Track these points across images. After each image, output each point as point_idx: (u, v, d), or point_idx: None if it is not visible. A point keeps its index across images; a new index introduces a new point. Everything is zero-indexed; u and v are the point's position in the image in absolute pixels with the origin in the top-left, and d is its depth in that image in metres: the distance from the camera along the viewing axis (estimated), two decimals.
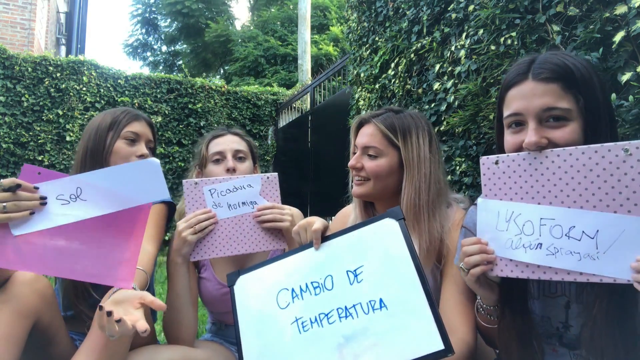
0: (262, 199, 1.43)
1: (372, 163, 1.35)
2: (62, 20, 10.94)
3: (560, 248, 0.86)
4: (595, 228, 0.82)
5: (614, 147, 0.81)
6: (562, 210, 0.86)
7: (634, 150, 0.79)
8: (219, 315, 1.63)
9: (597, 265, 0.82)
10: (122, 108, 1.58)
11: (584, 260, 0.83)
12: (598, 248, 0.82)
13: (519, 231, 0.92)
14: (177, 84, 7.35)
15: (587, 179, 0.83)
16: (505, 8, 2.06)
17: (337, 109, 5.23)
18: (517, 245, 0.92)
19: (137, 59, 20.17)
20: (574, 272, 0.85)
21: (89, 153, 1.48)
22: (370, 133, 1.37)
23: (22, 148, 6.18)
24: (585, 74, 0.93)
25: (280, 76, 14.09)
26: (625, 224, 0.79)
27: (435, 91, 2.67)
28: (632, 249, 0.78)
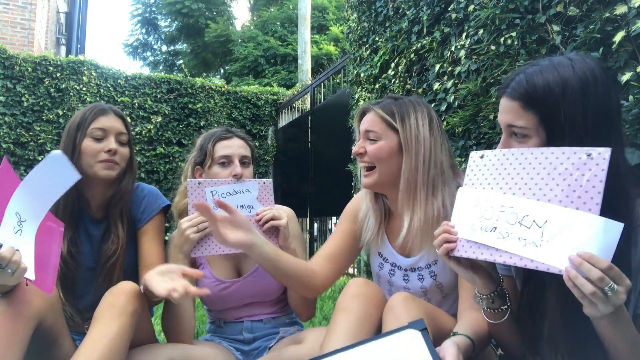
0: (259, 204, 1.51)
1: (372, 146, 1.38)
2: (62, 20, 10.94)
3: (511, 233, 0.93)
4: (545, 218, 0.89)
5: (579, 150, 0.88)
6: (521, 200, 0.94)
7: (595, 155, 0.86)
8: (217, 312, 1.64)
9: (537, 252, 0.88)
10: (92, 105, 1.55)
11: (528, 246, 0.89)
12: (543, 237, 0.88)
13: (481, 215, 0.99)
14: (177, 84, 7.35)
15: (550, 176, 0.91)
16: (505, 8, 2.07)
17: (337, 109, 5.23)
18: (476, 228, 0.99)
19: (137, 58, 20.19)
20: (515, 256, 0.91)
21: None
22: (370, 119, 1.41)
23: (22, 148, 6.18)
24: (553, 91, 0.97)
25: (280, 76, 14.09)
26: (571, 218, 0.86)
27: (435, 91, 2.67)
28: (572, 243, 0.84)
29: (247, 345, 1.59)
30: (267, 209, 1.49)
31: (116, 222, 1.52)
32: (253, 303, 1.60)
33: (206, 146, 1.63)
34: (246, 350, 1.58)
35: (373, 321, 1.18)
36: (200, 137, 1.73)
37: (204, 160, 1.63)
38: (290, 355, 1.31)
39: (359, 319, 1.16)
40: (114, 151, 1.50)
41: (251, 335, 1.59)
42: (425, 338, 0.99)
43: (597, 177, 0.85)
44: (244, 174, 1.58)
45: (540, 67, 1.02)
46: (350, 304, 1.19)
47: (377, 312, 1.20)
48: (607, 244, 0.81)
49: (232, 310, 1.61)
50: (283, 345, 1.45)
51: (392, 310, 1.15)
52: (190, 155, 1.72)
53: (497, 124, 2.20)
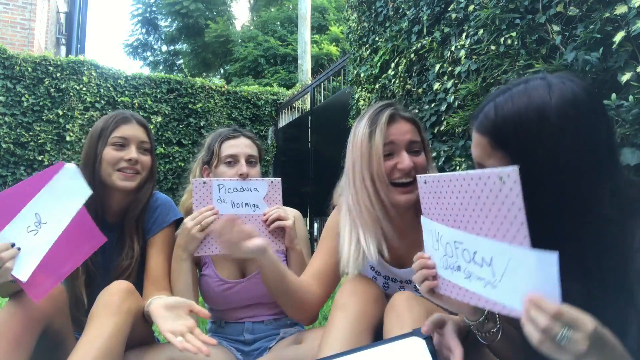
0: (265, 204, 1.49)
1: (419, 159, 1.28)
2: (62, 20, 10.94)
3: (472, 272, 0.85)
4: (490, 255, 0.80)
5: (491, 174, 0.77)
6: (466, 236, 0.85)
7: (506, 178, 0.74)
8: (219, 312, 1.64)
9: (496, 294, 0.80)
10: (115, 112, 1.54)
11: (487, 287, 0.81)
12: (494, 275, 0.80)
13: (444, 252, 0.92)
14: (177, 84, 7.35)
15: (478, 206, 0.81)
16: (505, 8, 2.06)
17: (337, 109, 5.23)
18: (447, 266, 0.92)
19: (137, 58, 20.17)
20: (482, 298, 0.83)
21: (82, 163, 1.48)
22: (410, 129, 1.29)
23: (22, 148, 6.18)
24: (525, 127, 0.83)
25: (280, 76, 14.09)
26: (510, 253, 0.77)
27: (435, 91, 2.67)
28: (521, 280, 0.75)
29: (248, 346, 1.59)
30: (273, 208, 1.48)
31: (132, 235, 1.50)
32: (255, 304, 1.60)
33: (213, 146, 1.64)
34: (247, 350, 1.58)
35: (370, 318, 1.17)
36: (208, 136, 1.74)
37: (210, 160, 1.64)
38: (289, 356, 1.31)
39: (356, 317, 1.15)
40: (135, 160, 1.48)
41: (252, 337, 1.59)
42: (429, 346, 0.98)
43: (515, 206, 0.75)
44: (250, 173, 1.59)
45: (511, 94, 0.87)
46: (347, 302, 1.19)
47: (374, 309, 1.19)
48: (547, 279, 0.71)
49: (233, 311, 1.61)
50: (283, 346, 1.45)
51: (394, 309, 1.14)
52: (199, 155, 1.73)
53: None
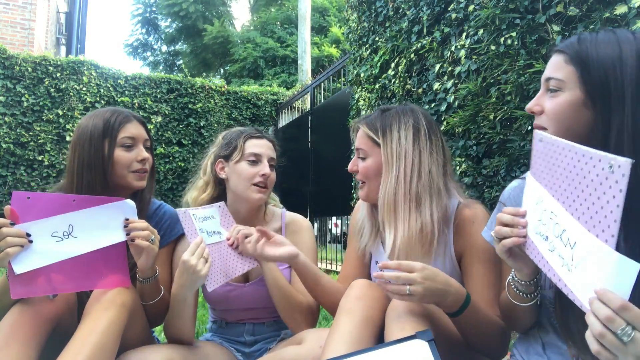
0: (224, 230, 1.47)
1: (362, 165, 1.42)
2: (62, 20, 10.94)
3: (556, 247, 0.83)
4: (575, 240, 0.78)
5: (603, 159, 0.73)
6: (562, 210, 0.83)
7: (616, 168, 0.71)
8: (221, 312, 1.63)
9: (569, 277, 0.78)
10: (111, 110, 1.48)
11: (564, 267, 0.80)
12: (573, 260, 0.78)
13: (539, 218, 0.90)
14: (177, 84, 7.36)
15: (581, 186, 0.78)
16: (505, 8, 2.07)
17: (337, 109, 5.23)
18: (538, 231, 0.90)
19: (137, 58, 20.18)
20: (555, 275, 0.82)
21: (86, 165, 1.41)
22: (359, 136, 1.45)
23: (22, 148, 6.18)
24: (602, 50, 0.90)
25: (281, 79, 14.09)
26: (592, 245, 0.74)
27: (435, 91, 2.67)
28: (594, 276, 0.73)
29: (248, 347, 1.58)
30: (232, 230, 1.44)
31: None
32: (257, 308, 1.59)
33: (236, 141, 1.60)
34: (247, 352, 1.57)
35: (376, 323, 1.17)
36: (223, 133, 1.70)
37: (230, 155, 1.59)
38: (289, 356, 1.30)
39: (361, 321, 1.15)
40: (146, 160, 1.47)
41: (252, 338, 1.59)
42: (433, 349, 0.98)
43: (614, 200, 0.70)
44: (271, 176, 1.58)
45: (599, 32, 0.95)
46: (353, 306, 1.19)
47: (380, 315, 1.18)
48: (622, 283, 0.69)
49: (235, 312, 1.60)
50: (282, 346, 1.44)
51: (394, 312, 1.14)
52: (210, 151, 1.68)
53: (497, 124, 2.20)
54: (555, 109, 0.95)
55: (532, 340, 1.16)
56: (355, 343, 1.09)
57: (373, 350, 1.02)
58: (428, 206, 1.29)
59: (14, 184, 6.08)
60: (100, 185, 1.39)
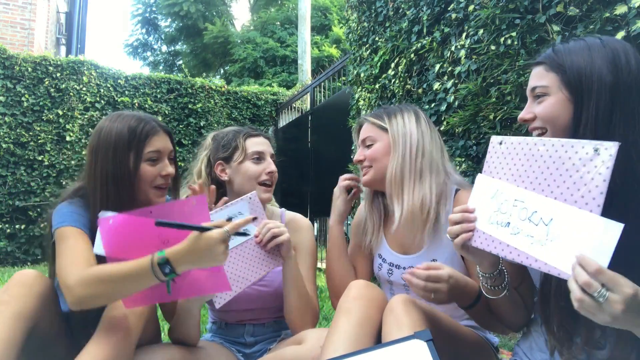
0: (253, 226, 1.40)
1: (369, 151, 1.50)
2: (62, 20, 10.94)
3: (521, 230, 0.92)
4: (550, 216, 0.88)
5: (587, 145, 0.85)
6: (532, 195, 0.93)
7: (602, 151, 0.83)
8: (221, 313, 1.63)
9: (542, 252, 0.87)
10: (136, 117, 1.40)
11: (534, 245, 0.89)
12: (548, 235, 0.87)
13: (497, 208, 0.99)
14: (177, 84, 7.36)
15: (558, 171, 0.89)
16: (505, 8, 2.07)
17: (337, 109, 5.23)
18: (493, 221, 0.99)
19: (137, 58, 20.17)
20: (522, 254, 0.91)
21: (111, 178, 1.34)
22: (365, 129, 1.54)
23: (22, 148, 6.18)
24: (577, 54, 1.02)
25: (280, 78, 14.08)
26: (574, 217, 0.84)
27: (435, 91, 2.67)
28: (576, 243, 0.82)
29: (249, 348, 1.58)
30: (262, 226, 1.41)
31: None
32: (257, 309, 1.59)
33: (235, 141, 1.58)
34: (247, 352, 1.57)
35: (374, 323, 1.18)
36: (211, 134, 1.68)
37: (231, 156, 1.57)
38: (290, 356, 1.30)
39: (360, 322, 1.16)
40: (171, 175, 1.42)
41: (252, 339, 1.58)
42: (431, 349, 0.99)
43: (601, 176, 0.82)
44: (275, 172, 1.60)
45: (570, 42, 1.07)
46: (351, 306, 1.19)
47: (378, 315, 1.19)
48: (605, 245, 0.78)
49: (236, 313, 1.60)
50: (283, 346, 1.44)
51: (392, 312, 1.15)
52: (201, 154, 1.64)
53: (497, 124, 2.20)
54: (546, 111, 1.05)
55: (535, 336, 1.18)
56: (354, 343, 1.10)
57: (372, 350, 1.03)
58: (428, 182, 1.42)
59: (14, 184, 6.08)
60: (128, 201, 1.34)
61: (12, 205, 6.04)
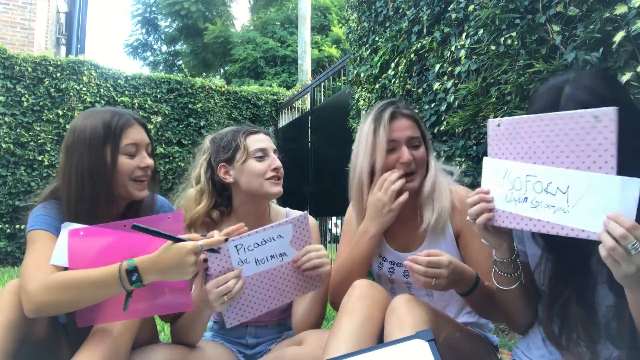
0: (293, 249, 1.29)
1: (418, 152, 1.43)
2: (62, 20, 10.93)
3: (541, 202, 0.96)
4: (567, 184, 0.92)
5: (585, 114, 0.89)
6: (543, 168, 0.96)
7: (602, 117, 0.87)
8: None
9: (568, 218, 0.91)
10: (110, 111, 1.38)
11: (558, 213, 0.93)
12: (569, 202, 0.91)
13: (511, 186, 1.02)
14: (177, 84, 7.36)
15: (563, 142, 0.93)
16: (505, 8, 2.06)
17: (337, 109, 5.23)
18: (510, 199, 1.02)
19: (137, 58, 20.17)
20: (548, 224, 0.95)
21: (87, 173, 1.31)
22: (408, 125, 1.43)
23: (22, 148, 6.18)
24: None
25: (281, 79, 14.08)
26: (591, 180, 0.88)
27: (435, 91, 2.67)
28: (598, 204, 0.87)
29: (250, 350, 1.57)
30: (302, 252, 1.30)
31: None
32: None
33: (235, 141, 1.53)
34: (249, 354, 1.56)
35: (377, 323, 1.18)
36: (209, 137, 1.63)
37: (233, 157, 1.52)
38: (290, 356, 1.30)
39: (363, 321, 1.16)
40: (150, 167, 1.39)
41: (254, 340, 1.57)
42: (433, 349, 0.99)
43: (607, 140, 0.86)
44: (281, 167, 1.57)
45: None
46: (354, 306, 1.19)
47: (381, 315, 1.19)
48: (628, 202, 0.83)
49: None
50: (283, 346, 1.44)
51: (394, 312, 1.15)
52: (200, 158, 1.59)
53: None
54: None
55: (532, 336, 1.20)
56: (356, 343, 1.10)
57: (374, 350, 1.03)
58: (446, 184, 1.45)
59: (14, 184, 6.08)
60: (104, 195, 1.32)
61: (12, 205, 6.04)
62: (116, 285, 1.10)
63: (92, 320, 1.20)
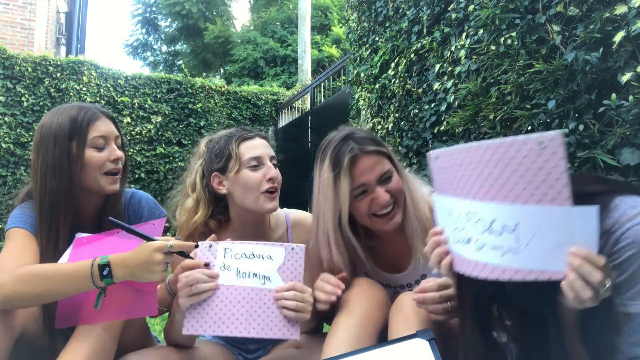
0: (279, 278, 1.20)
1: (392, 184, 1.28)
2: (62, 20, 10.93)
3: (485, 243, 0.83)
4: (515, 221, 0.79)
5: (528, 140, 0.77)
6: (484, 205, 0.83)
7: (548, 142, 0.75)
8: None
9: (521, 259, 0.78)
10: (77, 106, 1.36)
11: (507, 255, 0.80)
12: (519, 241, 0.78)
13: (455, 226, 0.89)
14: (177, 84, 7.36)
15: (505, 174, 0.80)
16: (505, 8, 2.06)
17: (337, 109, 5.23)
18: (457, 240, 0.90)
19: (137, 58, 20.18)
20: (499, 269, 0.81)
21: (50, 168, 1.30)
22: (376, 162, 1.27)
23: (22, 148, 6.18)
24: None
25: (281, 79, 14.07)
26: (544, 215, 0.76)
27: (435, 91, 2.67)
28: (555, 239, 0.76)
29: (251, 354, 1.56)
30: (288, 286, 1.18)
31: None
32: None
33: (228, 149, 1.41)
34: (250, 358, 1.55)
35: (376, 322, 1.17)
36: (204, 141, 1.52)
37: (226, 166, 1.40)
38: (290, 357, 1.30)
39: (361, 320, 1.16)
40: (120, 159, 1.38)
41: (255, 346, 1.56)
42: (433, 348, 0.98)
43: (557, 168, 0.75)
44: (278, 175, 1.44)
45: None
46: (353, 305, 1.19)
47: (380, 313, 1.19)
48: (589, 233, 0.74)
49: None
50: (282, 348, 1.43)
51: (400, 311, 1.14)
52: (194, 164, 1.49)
53: (497, 124, 2.19)
54: None
55: None
56: (355, 342, 1.10)
57: (373, 349, 1.03)
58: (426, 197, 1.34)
59: (14, 184, 6.08)
60: (64, 191, 1.31)
61: (12, 205, 6.03)
62: (86, 279, 1.11)
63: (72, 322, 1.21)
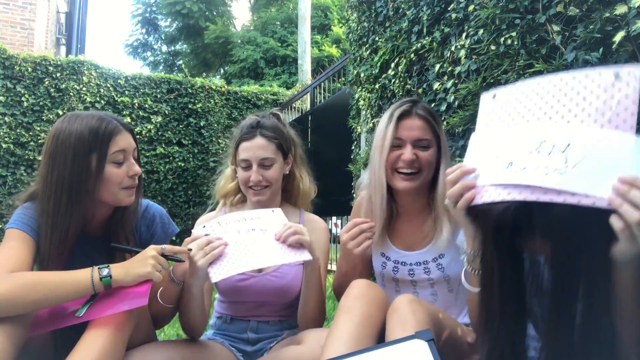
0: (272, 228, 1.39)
1: (426, 154, 1.41)
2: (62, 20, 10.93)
3: (529, 164, 0.80)
4: (566, 142, 0.77)
5: (605, 72, 0.77)
6: (536, 126, 0.83)
7: (624, 74, 0.75)
8: (230, 305, 1.61)
9: (566, 180, 0.75)
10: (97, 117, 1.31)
11: (552, 175, 0.77)
12: (567, 162, 0.76)
13: (495, 155, 0.88)
14: (177, 84, 7.36)
15: (573, 101, 0.79)
16: (505, 8, 2.06)
17: (337, 109, 5.23)
18: (494, 168, 0.87)
19: (137, 58, 20.19)
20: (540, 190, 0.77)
21: (67, 182, 1.25)
22: (420, 126, 1.42)
23: (22, 148, 6.18)
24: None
25: (281, 79, 14.07)
26: (598, 138, 0.74)
27: (435, 91, 2.67)
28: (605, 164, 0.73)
29: (251, 346, 1.57)
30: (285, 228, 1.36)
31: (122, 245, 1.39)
32: (266, 303, 1.58)
33: (232, 147, 1.63)
34: (249, 351, 1.57)
35: (375, 323, 1.18)
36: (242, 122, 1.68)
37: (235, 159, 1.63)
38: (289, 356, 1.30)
39: (361, 321, 1.16)
40: (137, 174, 1.36)
41: (255, 336, 1.58)
42: (432, 349, 0.98)
43: (628, 98, 0.74)
44: (264, 176, 1.54)
45: None
46: (352, 306, 1.19)
47: (379, 314, 1.19)
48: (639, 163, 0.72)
49: (242, 305, 1.59)
50: (282, 346, 1.44)
51: (396, 312, 1.14)
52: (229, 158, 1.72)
53: None
54: None
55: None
56: (354, 343, 1.10)
57: (372, 350, 1.03)
58: None
59: (14, 184, 6.08)
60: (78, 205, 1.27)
61: (12, 205, 6.03)
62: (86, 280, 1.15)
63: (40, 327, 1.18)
